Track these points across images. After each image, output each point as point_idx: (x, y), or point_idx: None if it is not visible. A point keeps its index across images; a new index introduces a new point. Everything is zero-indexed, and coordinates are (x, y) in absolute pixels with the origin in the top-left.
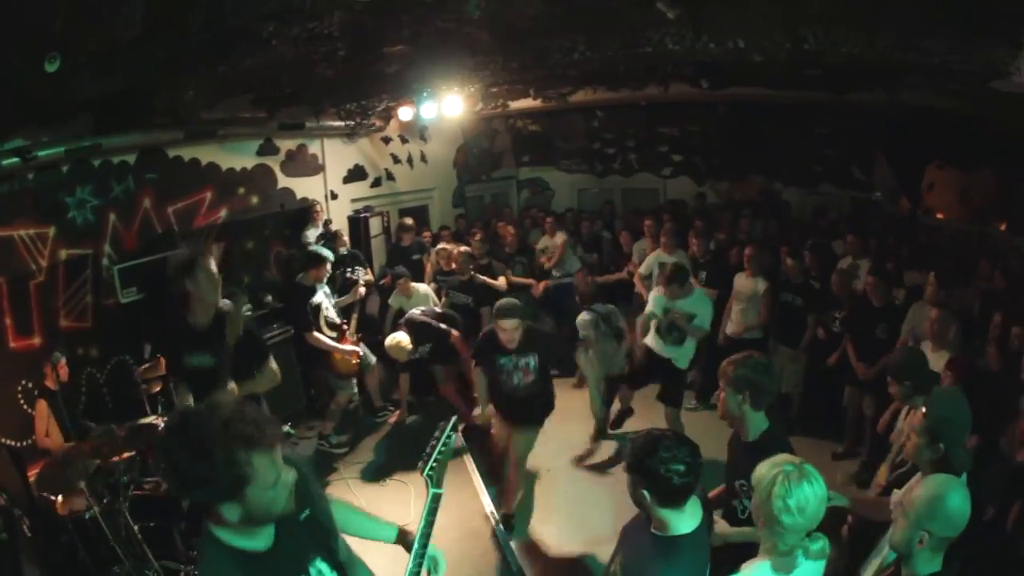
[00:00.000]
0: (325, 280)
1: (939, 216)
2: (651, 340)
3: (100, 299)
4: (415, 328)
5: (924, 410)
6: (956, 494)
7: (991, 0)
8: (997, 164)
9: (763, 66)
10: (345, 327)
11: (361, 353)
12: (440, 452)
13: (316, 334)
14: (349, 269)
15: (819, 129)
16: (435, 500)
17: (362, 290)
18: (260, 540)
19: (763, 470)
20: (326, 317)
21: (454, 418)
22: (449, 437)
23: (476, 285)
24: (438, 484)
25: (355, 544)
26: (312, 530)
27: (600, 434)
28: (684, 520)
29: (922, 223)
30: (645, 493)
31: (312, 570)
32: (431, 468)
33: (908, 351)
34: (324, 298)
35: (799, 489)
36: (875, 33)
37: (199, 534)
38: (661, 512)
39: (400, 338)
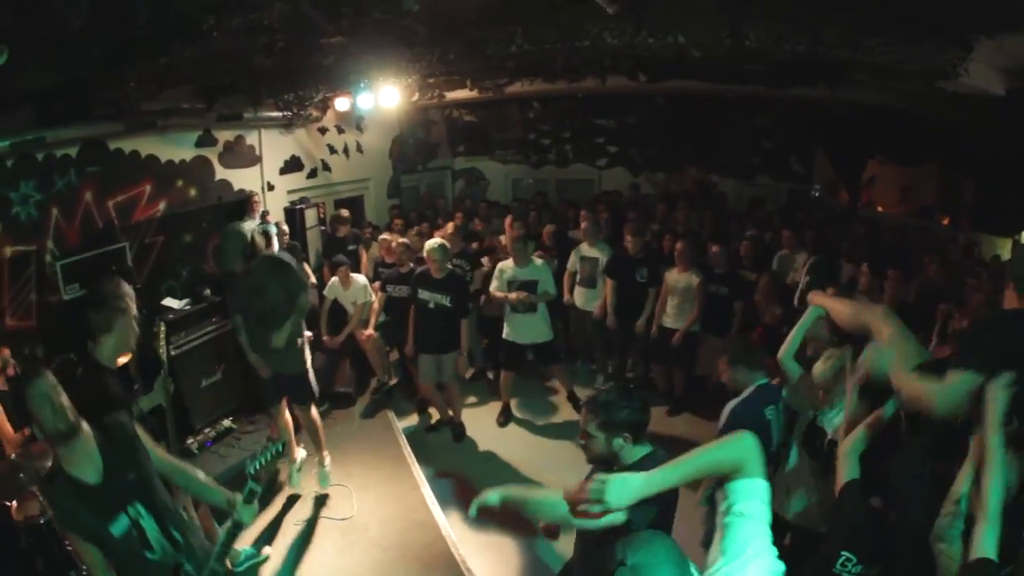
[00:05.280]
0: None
1: (879, 209)
2: (512, 334)
3: (44, 297)
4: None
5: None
6: None
7: (939, 3)
8: (940, 160)
9: (703, 60)
10: None
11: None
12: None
13: None
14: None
15: (758, 122)
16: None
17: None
18: (89, 475)
19: None
20: None
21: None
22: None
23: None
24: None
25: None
26: (138, 488)
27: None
28: (643, 448)
29: (861, 216)
30: (625, 435)
31: (131, 510)
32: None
33: None
34: None
35: None
36: (819, 31)
37: None
38: (632, 450)
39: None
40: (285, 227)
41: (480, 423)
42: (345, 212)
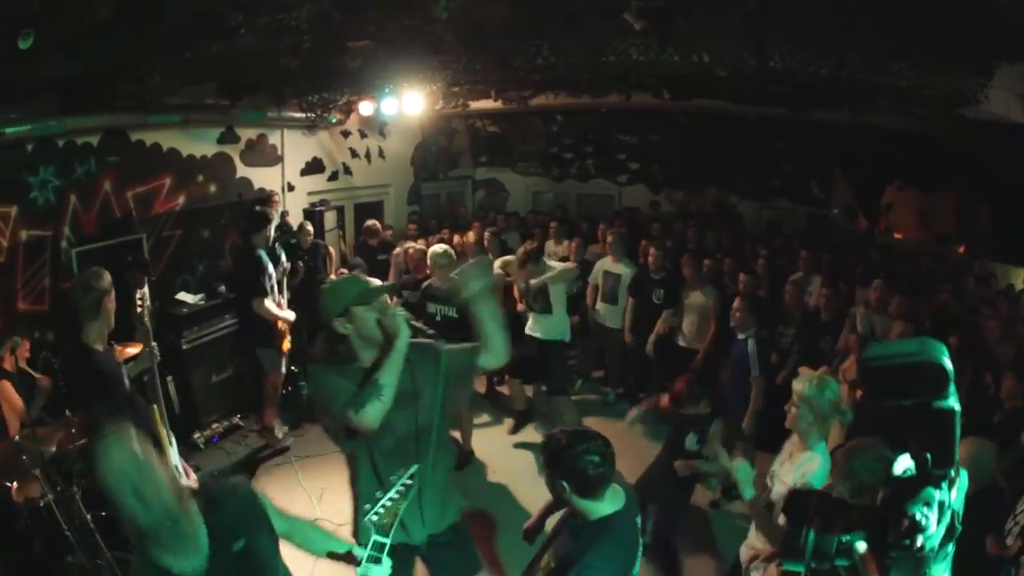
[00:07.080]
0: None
1: (897, 235)
2: (530, 327)
3: (57, 282)
4: None
5: None
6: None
7: (961, 29)
8: (958, 187)
9: (727, 80)
10: (281, 303)
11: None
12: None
13: (265, 302)
14: (310, 260)
15: (778, 144)
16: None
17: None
18: (189, 564)
19: None
20: (271, 286)
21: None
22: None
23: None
24: (383, 532)
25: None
26: (245, 563)
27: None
28: (603, 506)
29: (878, 242)
30: (564, 484)
31: None
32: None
33: None
34: (270, 267)
35: None
36: (843, 54)
37: None
38: (580, 502)
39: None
40: (310, 227)
41: (491, 434)
42: (377, 224)
